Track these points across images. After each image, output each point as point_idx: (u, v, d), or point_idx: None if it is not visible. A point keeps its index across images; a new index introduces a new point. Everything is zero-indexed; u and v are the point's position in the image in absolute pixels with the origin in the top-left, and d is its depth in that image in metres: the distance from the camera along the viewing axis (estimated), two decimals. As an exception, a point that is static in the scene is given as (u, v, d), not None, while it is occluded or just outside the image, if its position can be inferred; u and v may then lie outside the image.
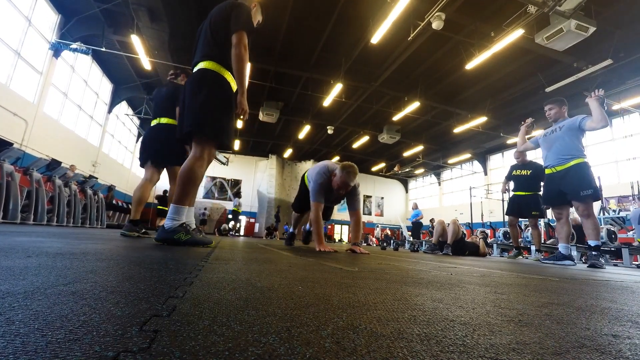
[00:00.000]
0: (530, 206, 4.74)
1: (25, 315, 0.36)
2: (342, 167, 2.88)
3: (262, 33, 9.55)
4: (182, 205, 1.90)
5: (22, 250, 1.02)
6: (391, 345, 0.36)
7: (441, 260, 2.86)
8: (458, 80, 11.46)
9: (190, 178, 1.89)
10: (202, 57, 1.99)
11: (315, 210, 2.96)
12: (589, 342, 0.43)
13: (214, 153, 2.01)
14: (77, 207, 7.09)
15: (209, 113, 1.90)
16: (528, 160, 5.01)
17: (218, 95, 1.94)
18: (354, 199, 3.13)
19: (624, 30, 8.21)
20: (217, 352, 0.30)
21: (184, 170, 1.90)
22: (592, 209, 3.24)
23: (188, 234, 1.85)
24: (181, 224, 1.87)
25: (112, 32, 9.70)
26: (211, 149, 1.97)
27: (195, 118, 1.88)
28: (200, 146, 1.94)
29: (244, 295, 0.59)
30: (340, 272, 1.13)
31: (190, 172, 1.89)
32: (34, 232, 2.34)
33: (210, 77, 1.95)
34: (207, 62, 1.97)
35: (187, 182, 1.89)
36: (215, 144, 1.98)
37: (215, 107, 1.92)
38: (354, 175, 2.86)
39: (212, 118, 1.90)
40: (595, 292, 1.05)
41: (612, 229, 5.71)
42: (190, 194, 1.92)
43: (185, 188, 1.89)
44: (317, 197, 2.98)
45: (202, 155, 1.93)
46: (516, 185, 5.00)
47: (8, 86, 7.77)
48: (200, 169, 1.92)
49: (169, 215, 1.89)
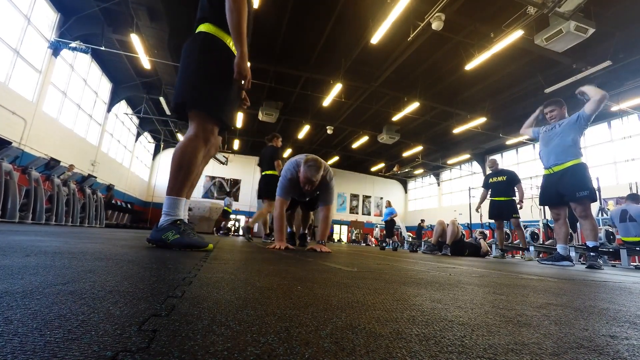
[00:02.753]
0: (510, 210, 5.23)
1: (24, 314, 0.36)
2: (305, 161, 2.67)
3: (262, 33, 9.56)
4: (176, 197, 1.58)
5: (21, 249, 1.01)
6: (390, 345, 0.36)
7: (440, 260, 2.87)
8: (458, 80, 11.48)
9: (180, 162, 1.58)
10: (197, 23, 1.73)
11: (278, 207, 2.80)
12: (587, 342, 0.44)
13: (210, 130, 1.66)
14: (76, 207, 7.07)
15: (200, 82, 1.60)
16: (500, 168, 5.54)
17: (211, 60, 1.64)
18: (324, 193, 2.90)
19: (623, 32, 8.23)
20: (216, 351, 0.30)
21: (174, 153, 1.60)
22: (590, 210, 3.25)
23: (177, 233, 1.52)
24: (174, 220, 1.56)
25: (111, 31, 9.68)
26: (206, 125, 1.64)
27: (184, 89, 1.61)
28: (193, 123, 1.64)
29: (242, 295, 0.59)
30: (339, 272, 1.13)
31: (181, 155, 1.58)
32: (33, 231, 2.33)
33: (201, 40, 1.65)
34: (202, 26, 1.69)
35: (178, 167, 1.58)
36: (212, 119, 1.66)
37: (207, 75, 1.62)
38: (315, 170, 2.62)
39: (204, 88, 1.61)
40: (594, 293, 1.05)
41: (610, 230, 5.73)
42: (184, 182, 1.60)
43: (177, 174, 1.58)
44: (281, 193, 2.83)
45: (196, 134, 1.61)
46: (494, 191, 5.45)
47: (7, 85, 7.74)
48: (193, 151, 1.59)
49: (163, 210, 1.60)
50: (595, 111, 3.21)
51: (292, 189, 2.85)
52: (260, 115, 13.47)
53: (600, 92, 3.19)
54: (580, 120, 3.30)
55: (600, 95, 3.17)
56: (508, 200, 5.29)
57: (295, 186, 2.83)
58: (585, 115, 3.27)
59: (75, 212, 7.03)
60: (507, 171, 5.46)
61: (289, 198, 2.91)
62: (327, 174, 2.84)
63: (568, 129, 3.36)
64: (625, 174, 12.16)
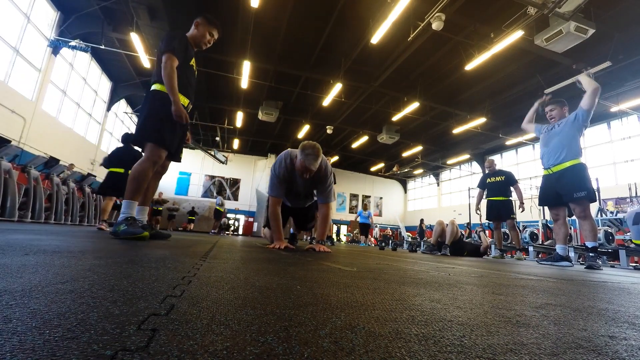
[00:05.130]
0: (508, 210, 5.26)
1: (23, 313, 0.36)
2: (301, 147, 2.45)
3: (262, 33, 9.55)
4: (130, 200, 2.21)
5: (20, 248, 1.01)
6: (389, 345, 0.36)
7: (439, 260, 2.87)
8: (457, 81, 11.47)
9: (135, 176, 2.22)
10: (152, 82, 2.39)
11: (272, 205, 2.60)
12: (585, 343, 0.44)
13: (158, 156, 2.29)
14: (75, 205, 7.06)
15: (149, 123, 2.26)
16: (498, 169, 5.54)
17: (155, 107, 2.28)
18: (322, 188, 2.68)
19: (623, 33, 8.23)
20: (215, 351, 0.30)
21: (132, 170, 2.25)
22: (589, 210, 3.24)
23: (126, 226, 2.06)
24: (127, 217, 2.12)
25: (111, 30, 9.66)
26: (154, 152, 2.27)
27: (139, 129, 2.28)
28: (146, 151, 2.28)
29: (242, 294, 0.59)
30: (339, 272, 1.13)
31: (135, 172, 2.23)
32: (32, 230, 2.33)
33: (150, 95, 2.32)
34: (154, 84, 2.35)
35: (133, 179, 2.22)
36: (156, 147, 2.27)
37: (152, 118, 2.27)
38: (314, 156, 2.39)
39: (151, 127, 2.26)
40: (593, 294, 1.05)
41: (609, 230, 5.74)
42: (137, 191, 2.23)
43: (132, 185, 2.22)
44: (273, 190, 2.60)
45: (147, 158, 2.25)
46: (491, 191, 5.45)
47: (6, 83, 7.73)
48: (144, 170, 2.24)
49: (121, 210, 2.22)
50: (591, 105, 3.15)
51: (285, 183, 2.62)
52: (260, 115, 13.46)
53: (593, 83, 3.15)
54: (579, 119, 3.25)
55: (593, 87, 3.13)
56: (505, 201, 5.30)
57: (289, 180, 2.61)
58: (583, 112, 3.21)
59: (75, 211, 7.02)
60: (504, 172, 5.46)
61: (282, 195, 2.70)
62: (325, 165, 2.64)
63: (567, 128, 3.33)
64: (624, 175, 12.18)
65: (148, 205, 2.47)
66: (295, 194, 2.84)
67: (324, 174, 2.63)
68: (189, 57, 2.45)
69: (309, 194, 2.93)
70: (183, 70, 2.38)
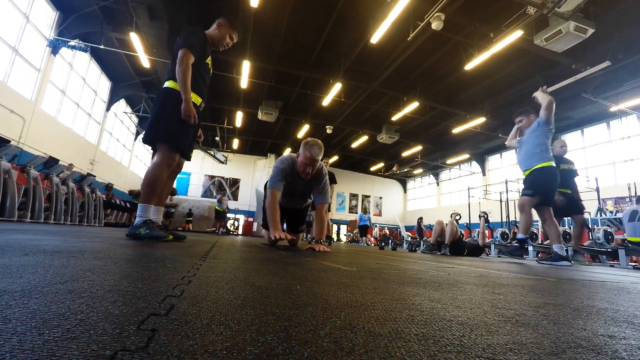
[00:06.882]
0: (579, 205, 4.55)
1: (22, 313, 0.36)
2: (304, 142, 2.65)
3: (262, 33, 9.54)
4: (146, 204, 2.19)
5: (19, 248, 1.01)
6: (389, 345, 0.36)
7: (439, 260, 2.87)
8: (457, 80, 11.48)
9: (150, 181, 2.19)
10: (165, 79, 2.32)
11: (270, 197, 2.68)
12: (585, 342, 0.44)
13: (172, 157, 2.25)
14: (75, 205, 7.06)
15: (160, 123, 2.19)
16: None
17: (168, 107, 2.20)
18: (319, 188, 2.80)
19: (622, 33, 8.24)
20: (215, 351, 0.30)
21: (146, 174, 2.22)
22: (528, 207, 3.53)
23: (147, 229, 2.08)
24: (145, 220, 2.13)
25: (110, 30, 9.64)
26: (168, 154, 2.22)
27: (151, 129, 2.21)
28: (159, 152, 2.23)
29: (242, 294, 0.59)
30: (339, 272, 1.13)
31: (150, 176, 2.20)
32: (31, 230, 2.32)
33: (163, 93, 2.25)
34: (167, 82, 2.28)
35: (147, 184, 2.20)
36: (170, 150, 2.22)
37: (165, 117, 2.19)
38: (318, 147, 2.60)
39: (163, 127, 2.19)
40: (592, 293, 1.06)
41: (609, 230, 5.75)
42: (152, 195, 2.21)
43: (147, 189, 2.20)
44: (274, 184, 2.68)
45: (161, 161, 2.20)
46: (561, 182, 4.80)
47: (6, 83, 7.72)
48: (159, 173, 2.20)
49: (137, 214, 2.19)
50: (546, 116, 3.46)
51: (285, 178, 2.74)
52: (260, 115, 13.45)
53: (547, 97, 3.45)
54: (541, 126, 3.53)
55: (547, 102, 3.42)
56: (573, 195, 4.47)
57: (290, 176, 2.74)
58: (541, 122, 3.53)
59: (74, 211, 7.01)
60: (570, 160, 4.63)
61: (281, 188, 2.76)
62: (322, 166, 2.82)
63: (532, 136, 3.62)
64: (624, 175, 12.19)
65: (163, 206, 2.42)
66: (292, 194, 2.94)
67: (320, 174, 2.82)
68: (205, 55, 2.39)
69: (305, 193, 3.02)
70: (198, 68, 2.30)
